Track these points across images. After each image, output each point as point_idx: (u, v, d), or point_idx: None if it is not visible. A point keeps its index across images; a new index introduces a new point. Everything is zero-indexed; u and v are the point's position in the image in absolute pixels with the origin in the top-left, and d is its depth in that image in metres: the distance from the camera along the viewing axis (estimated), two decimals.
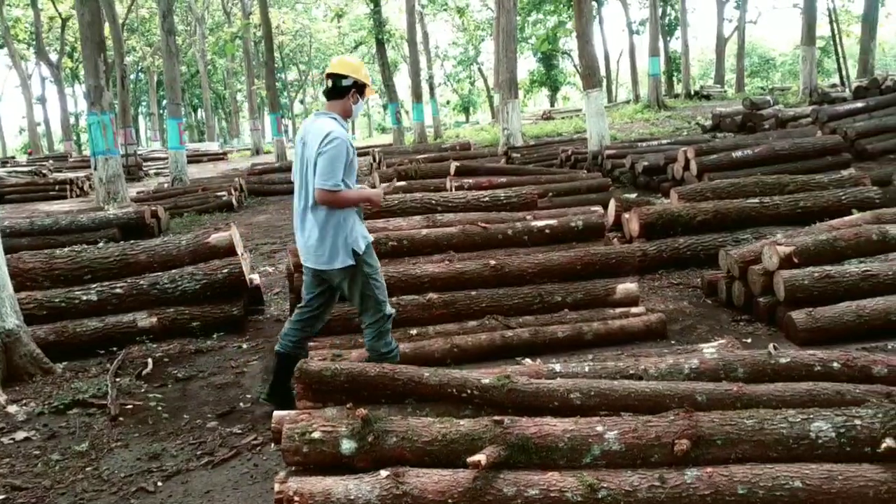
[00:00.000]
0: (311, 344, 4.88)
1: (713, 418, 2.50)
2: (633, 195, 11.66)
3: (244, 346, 5.68)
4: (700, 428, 2.45)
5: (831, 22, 22.18)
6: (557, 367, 3.02)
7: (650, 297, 6.14)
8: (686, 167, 10.50)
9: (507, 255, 5.49)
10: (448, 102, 58.42)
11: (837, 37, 22.05)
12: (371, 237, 4.13)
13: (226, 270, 6.03)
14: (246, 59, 38.17)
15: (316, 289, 4.14)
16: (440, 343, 4.79)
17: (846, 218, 5.69)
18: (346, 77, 4.00)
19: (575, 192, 10.99)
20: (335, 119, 3.97)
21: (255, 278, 6.77)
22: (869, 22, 25.11)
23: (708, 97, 30.48)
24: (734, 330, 5.16)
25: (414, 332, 4.97)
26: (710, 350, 3.91)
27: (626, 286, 5.26)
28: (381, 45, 25.02)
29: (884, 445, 2.35)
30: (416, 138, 25.34)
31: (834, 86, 22.62)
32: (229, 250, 6.23)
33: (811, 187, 7.13)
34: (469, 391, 2.75)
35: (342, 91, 4.00)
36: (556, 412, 2.65)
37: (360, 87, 4.04)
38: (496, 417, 2.53)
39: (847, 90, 19.18)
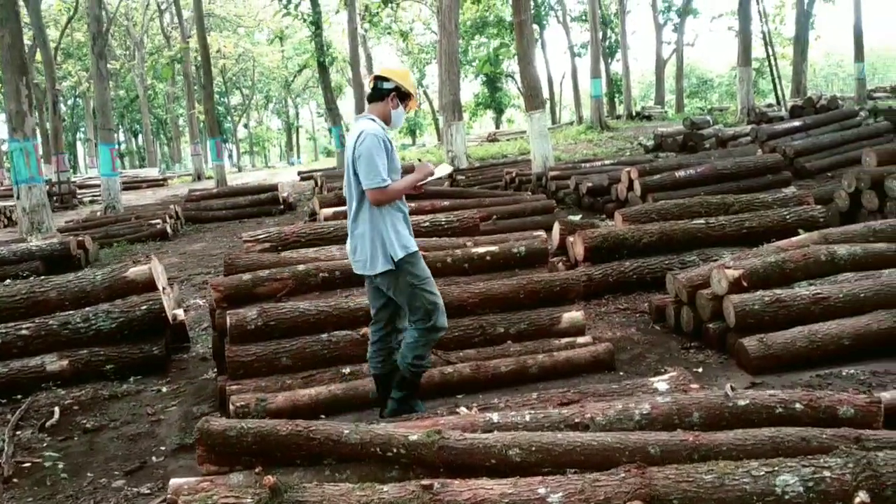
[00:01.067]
0: (231, 387, 4.50)
1: (668, 474, 2.22)
2: (578, 217, 11.53)
3: (164, 389, 5.24)
4: (654, 487, 2.17)
5: (766, 44, 22.66)
6: (495, 418, 2.71)
7: (597, 324, 5.90)
8: (630, 187, 10.39)
9: (446, 284, 5.18)
10: None
11: (772, 58, 22.53)
12: (415, 246, 3.97)
13: (145, 307, 5.59)
14: (186, 82, 37.32)
15: (378, 300, 4.05)
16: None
17: (794, 239, 5.55)
18: (387, 80, 3.94)
19: (520, 214, 10.79)
20: (372, 119, 3.89)
21: (180, 314, 6.32)
22: (800, 44, 25.87)
23: (649, 118, 30.90)
24: (684, 359, 4.93)
25: (347, 370, 4.61)
26: (661, 384, 3.66)
27: (572, 315, 5.00)
28: (322, 67, 24.68)
29: (857, 500, 2.11)
30: None
31: (770, 105, 23.07)
32: (149, 285, 5.79)
33: (756, 207, 7.02)
34: (395, 450, 2.42)
35: (382, 94, 3.93)
36: (493, 472, 2.34)
37: (401, 94, 3.97)
38: (424, 482, 2.20)
39: (783, 109, 19.53)
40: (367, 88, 4.01)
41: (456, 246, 5.57)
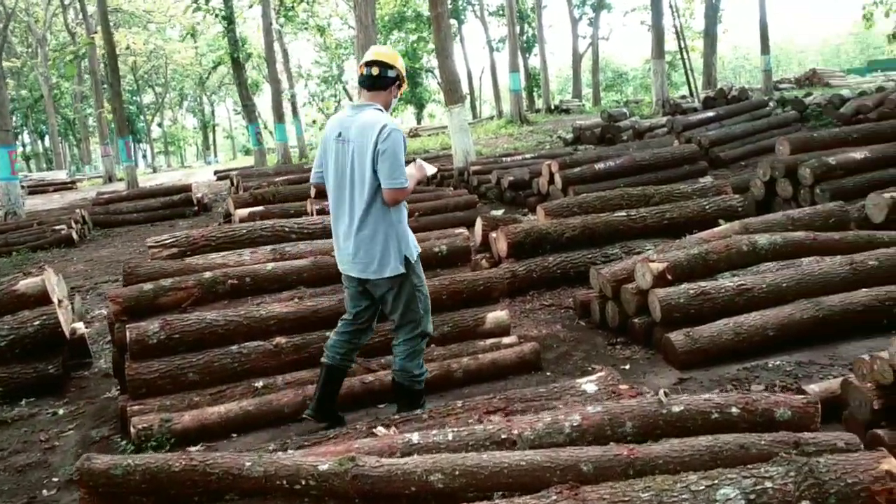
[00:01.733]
0: (133, 408, 4.14)
1: (602, 494, 2.04)
2: (501, 211, 11.43)
3: (61, 411, 4.82)
4: None
5: (678, 37, 23.15)
6: (415, 438, 2.49)
7: (522, 322, 5.75)
8: (551, 181, 10.33)
9: None
10: (314, 122, 57.36)
11: (684, 51, 23.03)
12: (419, 248, 3.84)
13: (38, 322, 5.14)
14: (93, 80, 35.60)
15: (362, 302, 3.84)
16: (290, 396, 4.16)
17: (715, 229, 5.53)
18: (392, 67, 3.67)
19: (442, 210, 10.59)
20: (380, 110, 3.64)
21: (80, 327, 5.86)
22: (710, 37, 26.59)
23: (567, 111, 31.21)
24: (611, 355, 4.83)
25: (260, 384, 4.31)
26: (589, 385, 3.51)
27: (497, 314, 4.82)
28: (237, 64, 23.89)
29: None
30: (280, 159, 24.36)
31: (684, 97, 23.60)
32: (42, 298, 5.32)
33: (676, 198, 7.02)
34: (304, 482, 2.17)
35: (387, 82, 3.67)
36: (414, 500, 2.12)
37: (400, 81, 3.77)
38: None
39: (696, 101, 19.96)
40: (361, 73, 3.68)
41: None
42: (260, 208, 11.03)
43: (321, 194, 10.99)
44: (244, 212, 10.94)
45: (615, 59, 64.56)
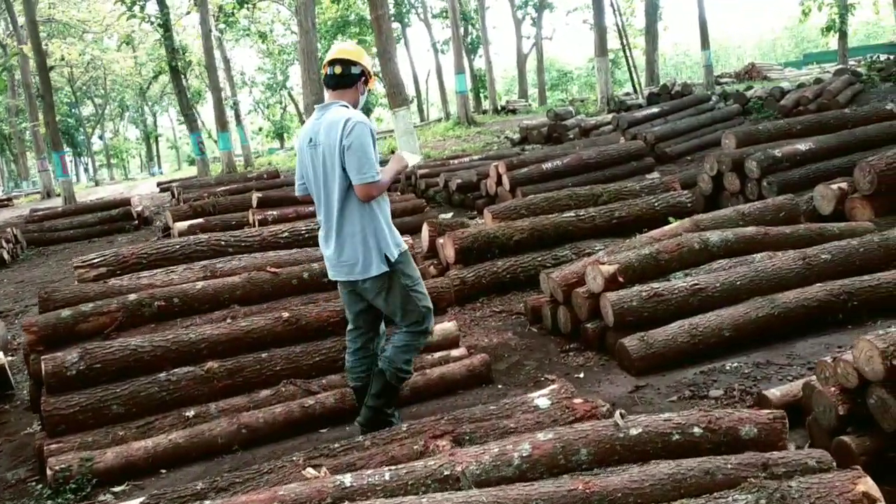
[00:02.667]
0: (50, 446, 3.80)
1: None
2: (450, 215, 11.21)
3: None
4: None
5: (620, 35, 23.30)
6: (347, 481, 2.22)
7: (473, 331, 5.53)
8: (499, 182, 10.16)
9: (304, 302, 4.65)
10: (261, 129, 56.54)
11: (627, 48, 23.18)
12: (405, 245, 3.69)
13: None
14: (27, 93, 34.29)
15: (358, 304, 3.68)
16: (224, 425, 3.86)
17: (666, 228, 5.39)
18: (355, 64, 3.56)
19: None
20: (347, 107, 3.52)
21: None
22: (651, 35, 26.88)
23: (514, 111, 31.20)
24: (564, 363, 4.63)
25: (191, 413, 4.00)
26: (542, 400, 3.30)
27: (445, 326, 4.59)
28: (175, 72, 23.22)
29: None
30: (224, 168, 23.80)
31: (628, 94, 23.73)
32: None
33: (624, 196, 6.89)
34: None
35: (352, 79, 3.56)
36: None
37: (366, 77, 3.65)
38: None
39: (640, 97, 20.07)
40: (325, 73, 3.58)
41: (314, 259, 5.04)
42: (200, 221, 10.63)
43: (264, 204, 10.65)
44: (183, 225, 10.52)
45: (560, 58, 65.05)
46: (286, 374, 4.21)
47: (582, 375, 4.39)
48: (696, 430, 2.37)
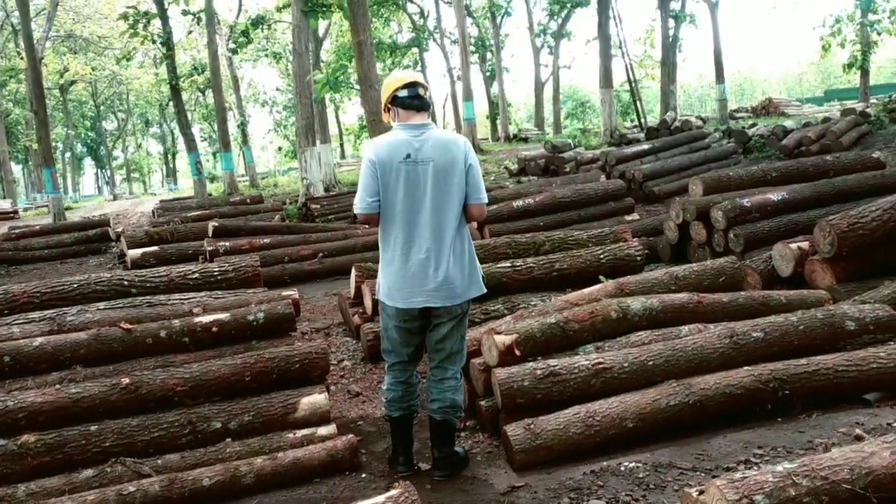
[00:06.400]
0: None
1: None
2: None
3: None
4: None
5: (627, 67, 22.74)
6: None
7: (376, 395, 4.94)
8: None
9: (157, 366, 4.10)
10: (280, 149, 56.74)
11: (632, 81, 22.61)
12: None
13: None
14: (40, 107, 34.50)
15: (417, 338, 3.57)
16: None
17: (585, 290, 4.75)
18: (426, 89, 3.58)
19: (350, 251, 9.84)
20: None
21: None
22: (667, 66, 26.28)
23: (526, 139, 30.76)
24: None
25: None
26: None
27: (313, 399, 4.00)
28: (175, 91, 23.04)
29: None
30: (226, 189, 23.51)
31: (635, 126, 23.16)
32: None
33: (570, 245, 6.27)
34: None
35: (428, 105, 3.56)
36: None
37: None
38: None
39: (643, 131, 19.48)
40: (405, 94, 3.50)
41: (176, 314, 4.49)
42: (155, 249, 10.20)
43: (221, 233, 10.16)
44: (136, 253, 10.07)
45: (581, 86, 64.60)
46: (117, 452, 3.65)
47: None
48: None
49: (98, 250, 14.45)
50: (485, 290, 3.56)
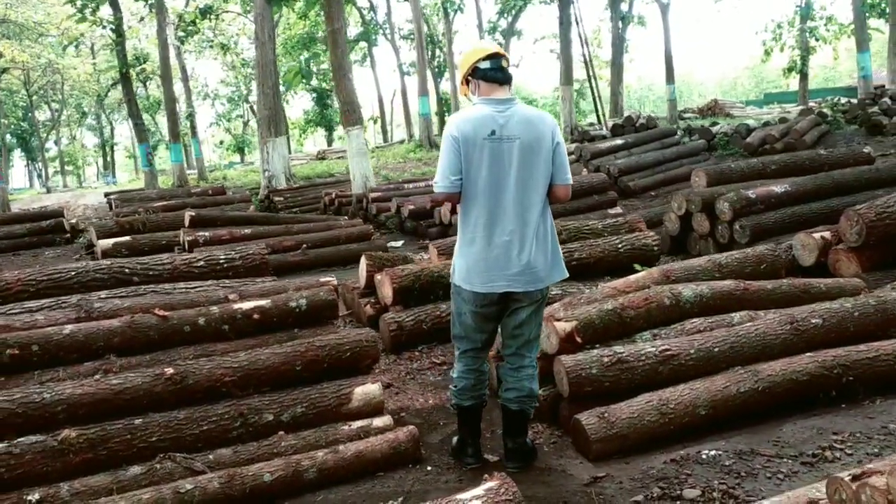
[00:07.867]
0: None
1: None
2: (401, 243, 10.49)
3: None
4: None
5: (587, 65, 22.94)
6: None
7: (407, 386, 4.77)
8: (454, 210, 9.46)
9: (196, 355, 3.85)
10: (221, 142, 55.41)
11: (593, 79, 22.82)
12: None
13: None
14: None
15: (493, 324, 3.40)
16: None
17: (631, 278, 4.67)
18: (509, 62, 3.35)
19: (333, 242, 9.59)
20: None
21: None
22: (616, 66, 26.62)
23: None
24: None
25: (35, 496, 3.15)
26: None
27: (367, 389, 3.81)
28: (126, 79, 22.19)
29: None
30: (175, 181, 22.76)
31: (591, 124, 23.36)
32: None
33: (585, 234, 6.20)
34: None
35: (511, 78, 3.32)
36: None
37: None
38: None
39: (604, 128, 19.64)
40: (487, 66, 3.26)
41: (213, 301, 4.24)
42: (126, 239, 9.73)
43: (197, 223, 9.76)
44: (108, 243, 9.60)
45: (526, 86, 65.08)
46: (164, 447, 3.39)
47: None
48: None
49: (53, 242, 13.77)
50: (567, 275, 3.39)
